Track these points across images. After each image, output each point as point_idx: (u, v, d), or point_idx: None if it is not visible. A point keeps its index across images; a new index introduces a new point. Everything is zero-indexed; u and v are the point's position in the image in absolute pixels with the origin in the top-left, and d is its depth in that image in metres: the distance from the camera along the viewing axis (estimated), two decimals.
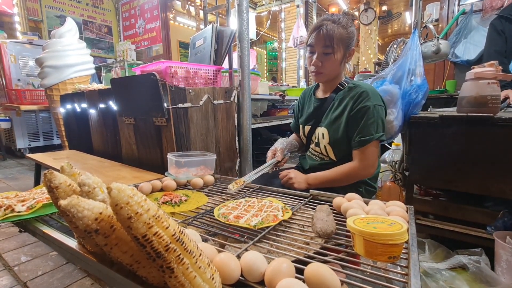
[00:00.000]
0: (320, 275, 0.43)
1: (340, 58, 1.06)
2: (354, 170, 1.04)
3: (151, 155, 1.65)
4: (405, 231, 0.51)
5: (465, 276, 1.12)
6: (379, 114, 1.02)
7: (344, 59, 1.09)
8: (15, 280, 1.23)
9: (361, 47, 7.20)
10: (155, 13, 5.82)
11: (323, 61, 1.06)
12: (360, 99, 1.03)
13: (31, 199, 0.78)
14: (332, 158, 1.14)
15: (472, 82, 1.16)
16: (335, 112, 1.10)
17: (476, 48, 2.65)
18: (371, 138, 1.01)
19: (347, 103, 1.07)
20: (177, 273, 0.38)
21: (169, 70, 1.50)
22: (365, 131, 1.01)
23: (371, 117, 1.01)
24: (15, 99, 3.71)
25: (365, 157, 1.03)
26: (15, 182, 2.79)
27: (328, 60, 1.05)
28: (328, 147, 1.13)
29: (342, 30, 1.02)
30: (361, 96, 1.03)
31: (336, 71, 1.09)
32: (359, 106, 1.03)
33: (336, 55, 1.04)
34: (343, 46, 1.05)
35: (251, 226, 0.67)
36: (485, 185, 1.21)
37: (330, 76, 1.11)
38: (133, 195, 0.36)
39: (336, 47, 1.03)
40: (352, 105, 1.05)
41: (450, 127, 1.25)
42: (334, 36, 1.01)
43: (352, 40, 1.06)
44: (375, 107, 1.02)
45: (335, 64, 1.06)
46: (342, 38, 1.03)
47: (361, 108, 1.02)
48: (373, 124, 1.01)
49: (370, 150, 1.03)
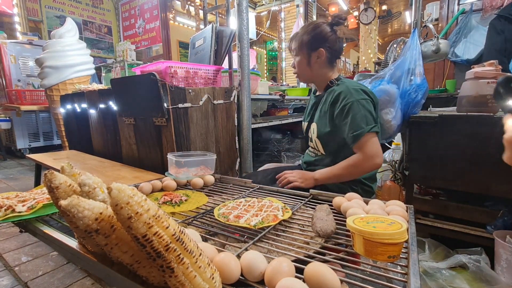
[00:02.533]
0: (320, 274, 0.43)
1: (305, 60, 1.16)
2: (358, 161, 1.04)
3: (151, 155, 1.65)
4: (405, 230, 0.51)
5: (465, 275, 1.12)
6: (365, 107, 1.03)
7: (312, 60, 1.15)
8: (16, 280, 1.23)
9: (361, 47, 7.20)
10: (154, 13, 5.81)
11: (296, 64, 1.20)
12: (340, 98, 1.07)
13: (32, 199, 0.79)
14: (322, 152, 1.17)
15: (472, 81, 1.17)
16: (323, 108, 1.16)
17: (476, 48, 2.65)
18: (363, 131, 1.01)
19: (329, 98, 1.12)
20: (177, 273, 0.38)
21: (169, 70, 1.50)
22: (355, 125, 1.02)
23: (357, 112, 1.02)
24: (15, 100, 3.71)
25: (364, 149, 1.03)
26: (15, 183, 2.79)
27: (299, 64, 1.19)
28: (317, 141, 1.18)
29: (305, 36, 1.14)
30: (340, 95, 1.07)
31: (307, 71, 1.19)
32: (341, 105, 1.05)
33: (300, 58, 1.17)
34: (306, 50, 1.15)
35: (251, 226, 0.67)
36: (485, 184, 1.21)
37: (305, 76, 1.22)
38: (133, 195, 0.36)
39: (300, 51, 1.16)
40: (332, 103, 1.09)
41: (450, 126, 1.25)
42: (298, 42, 1.16)
43: (318, 41, 1.13)
44: (359, 101, 1.03)
45: (302, 65, 1.18)
46: (303, 43, 1.14)
47: (344, 106, 1.04)
48: (362, 118, 1.02)
49: (367, 143, 1.02)
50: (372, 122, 1.03)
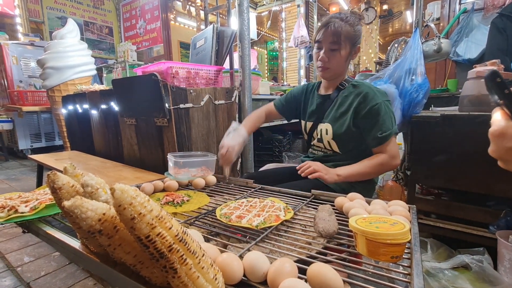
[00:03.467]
0: (322, 275, 0.43)
1: (346, 54, 1.08)
2: (385, 161, 1.04)
3: (153, 156, 1.65)
4: (408, 230, 0.51)
5: (468, 276, 1.12)
6: (390, 109, 1.05)
7: (350, 56, 1.11)
8: (18, 281, 1.23)
9: (362, 46, 7.19)
10: (155, 14, 5.82)
11: (329, 57, 1.08)
12: (367, 100, 1.05)
13: (34, 200, 0.79)
14: (336, 151, 1.16)
15: (474, 80, 1.16)
16: (340, 108, 1.12)
17: (477, 47, 2.63)
18: (391, 132, 1.03)
19: (352, 100, 1.09)
20: (180, 274, 0.38)
21: (170, 71, 1.50)
22: (384, 127, 1.03)
23: (384, 113, 1.03)
24: (17, 100, 3.72)
25: (390, 149, 1.04)
26: (18, 183, 2.80)
27: (335, 56, 1.08)
28: (332, 142, 1.15)
29: (349, 27, 1.05)
30: (367, 96, 1.05)
31: (341, 67, 1.12)
32: (368, 106, 1.04)
33: (342, 52, 1.07)
34: (350, 43, 1.07)
35: (253, 226, 0.67)
36: (487, 184, 1.20)
37: (335, 72, 1.12)
38: (136, 195, 0.36)
39: (343, 44, 1.06)
40: (358, 104, 1.06)
41: (452, 126, 1.25)
42: (341, 33, 1.04)
43: (358, 38, 1.09)
44: (385, 102, 1.04)
45: (341, 60, 1.09)
46: (349, 35, 1.06)
47: (371, 108, 1.04)
48: (389, 119, 1.04)
49: (391, 143, 1.04)
50: (395, 124, 1.05)
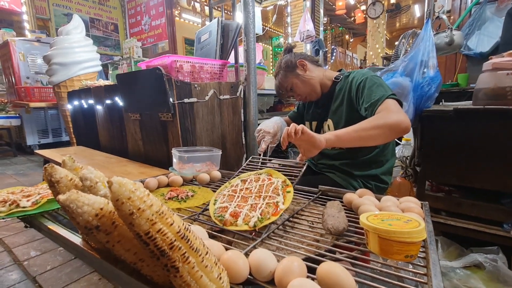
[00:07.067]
0: (334, 275, 0.40)
1: (300, 81, 1.17)
2: (385, 115, 0.87)
3: (157, 151, 1.64)
4: (423, 228, 0.48)
5: (481, 275, 1.08)
6: (379, 80, 0.99)
7: (303, 74, 1.16)
8: (25, 275, 1.24)
9: (369, 42, 7.06)
10: (160, 10, 5.80)
11: (298, 95, 1.20)
12: (354, 80, 1.05)
13: (36, 194, 0.78)
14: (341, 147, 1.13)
15: (490, 73, 1.11)
16: (335, 102, 1.13)
17: (490, 40, 2.54)
18: (383, 95, 0.91)
19: (344, 89, 1.10)
20: (182, 273, 0.36)
21: (175, 65, 1.48)
22: (373, 95, 0.94)
23: (372, 84, 0.97)
24: (25, 97, 3.76)
25: (388, 107, 0.89)
26: (25, 178, 2.83)
27: (298, 91, 1.19)
28: None
29: (281, 71, 1.19)
30: (354, 77, 1.06)
31: (310, 86, 1.17)
32: (356, 84, 1.03)
33: (295, 86, 1.18)
34: (291, 76, 1.17)
35: (251, 227, 0.62)
36: (502, 180, 1.16)
37: (311, 92, 1.19)
38: (135, 189, 0.34)
39: (289, 83, 1.18)
40: (348, 90, 1.07)
41: (465, 120, 1.20)
42: (282, 83, 1.21)
43: (291, 68, 1.17)
44: (371, 75, 1.01)
45: (303, 87, 1.18)
46: (286, 78, 1.18)
47: (359, 84, 1.01)
48: (379, 87, 0.95)
49: (389, 104, 0.90)
50: (390, 90, 0.95)
